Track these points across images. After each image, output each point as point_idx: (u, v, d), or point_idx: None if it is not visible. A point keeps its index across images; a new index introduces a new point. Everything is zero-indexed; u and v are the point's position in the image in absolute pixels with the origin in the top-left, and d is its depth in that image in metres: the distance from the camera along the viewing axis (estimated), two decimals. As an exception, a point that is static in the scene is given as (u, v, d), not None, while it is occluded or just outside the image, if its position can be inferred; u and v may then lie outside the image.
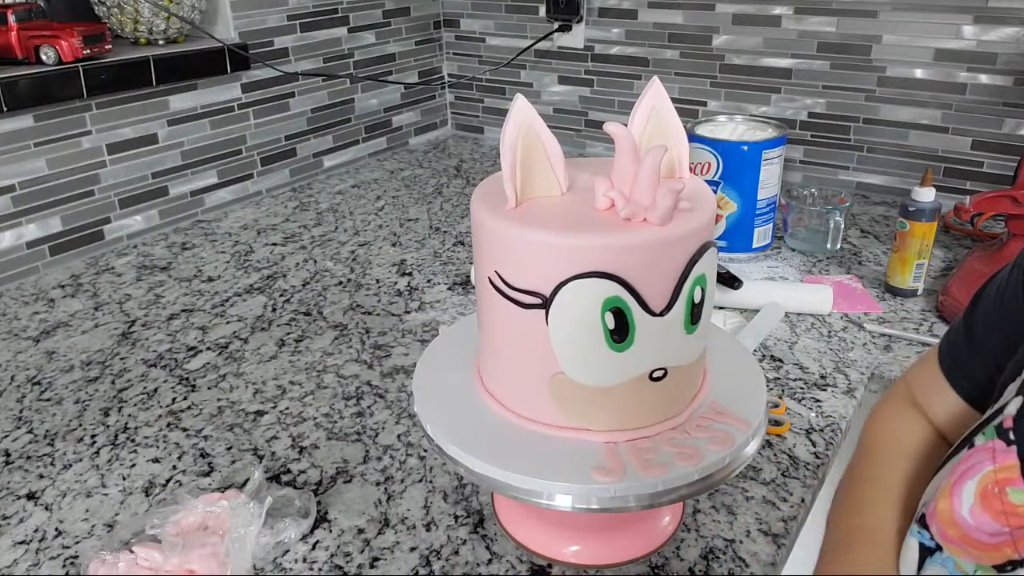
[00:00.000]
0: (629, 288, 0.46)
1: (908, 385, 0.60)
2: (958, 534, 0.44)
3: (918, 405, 0.58)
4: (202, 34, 1.21)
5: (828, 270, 1.05)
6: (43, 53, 1.01)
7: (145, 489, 0.67)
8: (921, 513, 0.47)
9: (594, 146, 1.58)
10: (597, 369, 0.49)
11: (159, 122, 1.19)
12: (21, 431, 0.76)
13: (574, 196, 0.51)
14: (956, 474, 0.45)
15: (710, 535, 0.61)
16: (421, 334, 0.92)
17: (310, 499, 0.63)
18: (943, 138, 1.24)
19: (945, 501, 0.45)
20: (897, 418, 0.59)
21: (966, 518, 0.43)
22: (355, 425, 0.75)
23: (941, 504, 0.45)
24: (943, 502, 0.45)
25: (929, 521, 0.46)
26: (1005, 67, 1.16)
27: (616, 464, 0.49)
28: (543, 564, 0.59)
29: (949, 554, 0.44)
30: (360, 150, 1.56)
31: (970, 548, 0.43)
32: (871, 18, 1.23)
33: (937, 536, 0.45)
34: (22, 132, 1.03)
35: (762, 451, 0.70)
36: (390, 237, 1.20)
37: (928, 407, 0.58)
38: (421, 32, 1.62)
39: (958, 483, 0.44)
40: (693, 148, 1.05)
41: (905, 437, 0.57)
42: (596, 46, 1.50)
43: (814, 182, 1.36)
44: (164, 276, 1.08)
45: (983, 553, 0.43)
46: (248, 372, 0.85)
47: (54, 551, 0.61)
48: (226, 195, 1.32)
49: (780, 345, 0.87)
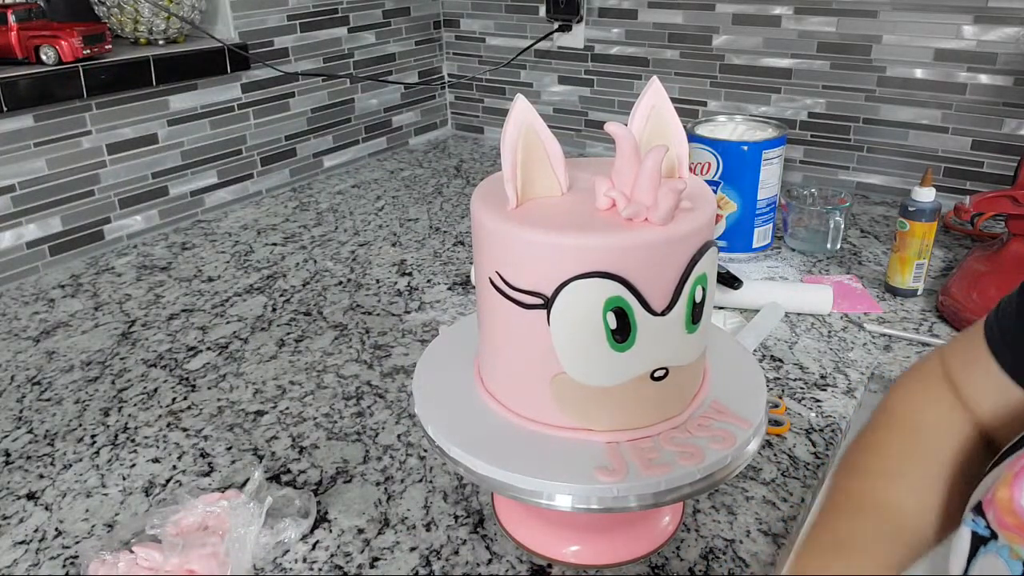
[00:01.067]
0: (631, 288, 0.46)
1: (943, 358, 0.58)
2: (1016, 522, 0.44)
3: (952, 380, 0.57)
4: (202, 34, 1.21)
5: (828, 270, 1.05)
6: (43, 53, 1.01)
7: (145, 489, 0.67)
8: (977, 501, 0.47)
9: (594, 146, 1.58)
10: (599, 369, 0.49)
11: (159, 122, 1.19)
12: (21, 431, 0.76)
13: (575, 196, 0.51)
14: (1018, 465, 0.45)
15: (710, 535, 0.61)
16: (421, 334, 0.92)
17: (310, 499, 0.63)
18: (943, 138, 1.24)
19: (1005, 490, 0.45)
20: (925, 391, 0.57)
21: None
22: (355, 425, 0.75)
23: (1000, 492, 0.45)
24: (1003, 491, 0.45)
25: (986, 508, 0.46)
26: (1005, 67, 1.16)
27: (619, 464, 0.49)
28: (543, 564, 0.59)
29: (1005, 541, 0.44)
30: (360, 150, 1.56)
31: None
32: (871, 18, 1.23)
33: (994, 523, 0.45)
34: (22, 132, 1.03)
35: (762, 451, 0.70)
36: (390, 237, 1.20)
37: (965, 382, 0.55)
38: (421, 32, 1.62)
39: (1020, 474, 0.44)
40: (693, 148, 1.05)
41: (930, 412, 0.56)
42: (596, 46, 1.50)
43: (814, 182, 1.36)
44: (164, 276, 1.08)
45: None
46: (248, 372, 0.85)
47: (54, 551, 0.61)
48: (226, 195, 1.32)
49: (780, 345, 0.87)
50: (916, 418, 0.56)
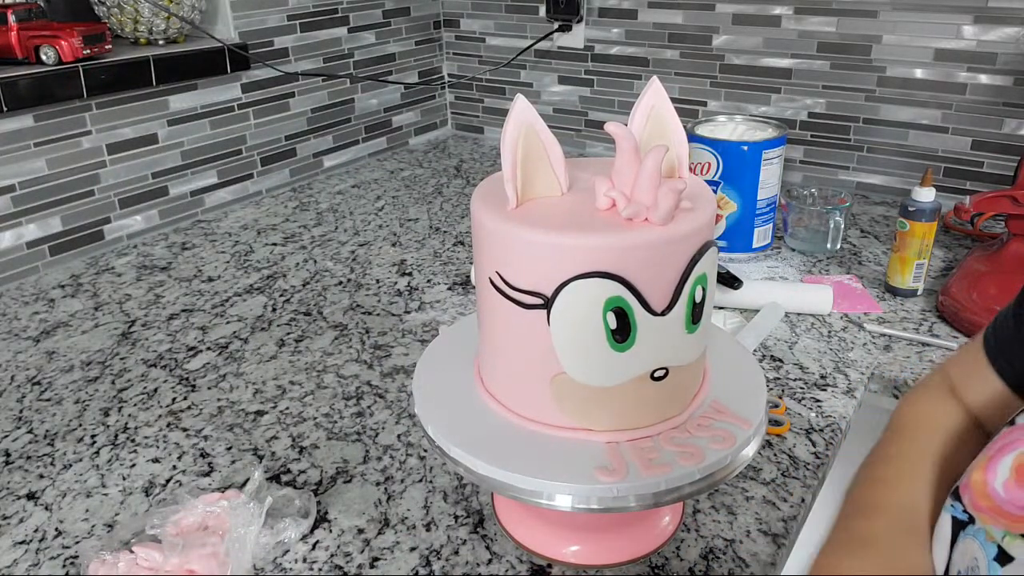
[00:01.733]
0: (631, 288, 0.46)
1: (947, 372, 0.60)
2: (989, 505, 0.44)
3: (955, 391, 0.58)
4: (202, 34, 1.21)
5: (828, 270, 1.05)
6: (43, 53, 1.01)
7: (145, 489, 0.67)
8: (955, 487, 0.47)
9: (594, 146, 1.58)
10: (599, 369, 0.49)
11: (159, 122, 1.19)
12: (21, 431, 0.76)
13: (575, 196, 0.51)
14: (993, 449, 0.46)
15: (710, 535, 0.61)
16: (421, 334, 0.92)
17: (310, 499, 0.63)
18: (943, 138, 1.24)
19: (979, 473, 0.45)
20: (931, 402, 0.58)
21: (998, 491, 0.44)
22: (355, 425, 0.75)
23: (975, 476, 0.45)
24: (976, 474, 0.45)
25: (962, 492, 0.46)
26: (1005, 67, 1.16)
27: (619, 464, 0.49)
28: (543, 564, 0.59)
29: (980, 524, 0.45)
30: (360, 150, 1.56)
31: (999, 518, 0.44)
32: (871, 18, 1.23)
33: (969, 506, 0.45)
34: (22, 132, 1.03)
35: (762, 451, 0.70)
36: (390, 237, 1.20)
37: (966, 391, 0.57)
38: (421, 32, 1.62)
39: (995, 458, 0.45)
40: (693, 148, 1.05)
41: (938, 419, 0.57)
42: (596, 46, 1.50)
43: (814, 182, 1.36)
44: (164, 276, 1.08)
45: (1012, 523, 0.43)
46: (248, 372, 0.85)
47: (54, 551, 0.61)
48: (226, 195, 1.32)
49: (780, 345, 0.87)
50: (923, 426, 0.57)
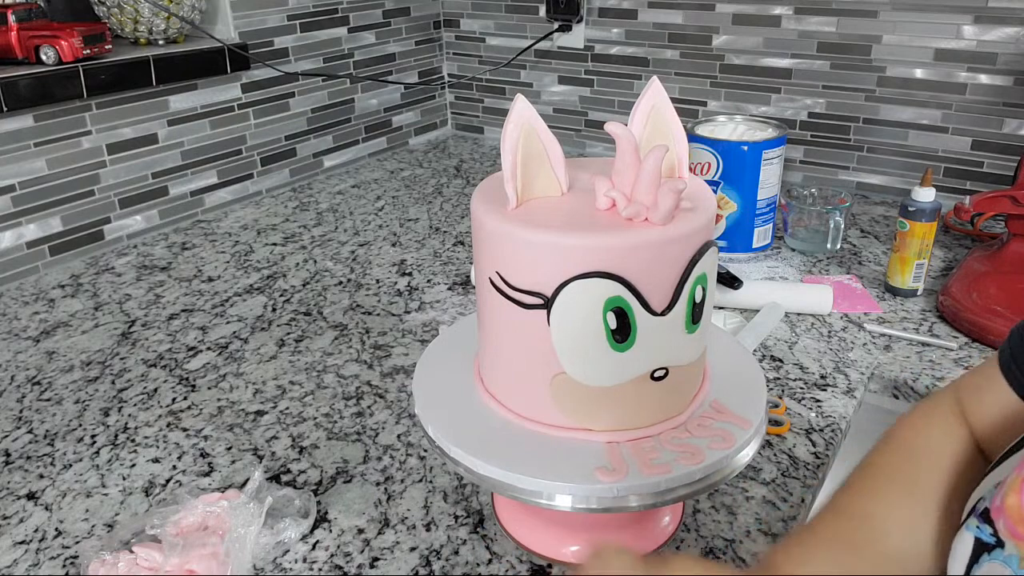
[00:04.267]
0: (631, 288, 0.46)
1: (957, 391, 0.59)
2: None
3: (964, 409, 0.57)
4: (202, 34, 1.21)
5: (828, 270, 1.05)
6: (43, 53, 1.01)
7: (145, 489, 0.67)
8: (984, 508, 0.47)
9: (594, 146, 1.58)
10: (599, 369, 0.49)
11: (159, 122, 1.19)
12: (21, 431, 0.76)
13: (575, 196, 0.51)
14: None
15: (710, 535, 0.61)
16: (421, 334, 0.92)
17: (310, 499, 0.63)
18: (943, 138, 1.24)
19: (1015, 496, 0.44)
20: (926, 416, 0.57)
21: None
22: (355, 425, 0.75)
23: (1010, 500, 0.44)
24: (1012, 497, 0.44)
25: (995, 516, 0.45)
26: (1005, 67, 1.16)
27: (619, 464, 0.49)
28: (543, 564, 0.59)
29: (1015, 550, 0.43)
30: (360, 150, 1.56)
31: None
32: (871, 18, 1.23)
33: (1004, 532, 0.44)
34: (22, 132, 1.03)
35: (762, 451, 0.70)
36: (390, 237, 1.20)
37: (977, 407, 0.56)
38: (421, 32, 1.62)
39: None
40: (693, 148, 1.05)
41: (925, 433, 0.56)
42: (596, 46, 1.50)
43: (814, 182, 1.36)
44: (164, 276, 1.08)
45: None
46: (248, 372, 0.85)
47: (54, 551, 0.61)
48: (226, 195, 1.32)
49: (780, 345, 0.87)
50: (912, 441, 0.56)
